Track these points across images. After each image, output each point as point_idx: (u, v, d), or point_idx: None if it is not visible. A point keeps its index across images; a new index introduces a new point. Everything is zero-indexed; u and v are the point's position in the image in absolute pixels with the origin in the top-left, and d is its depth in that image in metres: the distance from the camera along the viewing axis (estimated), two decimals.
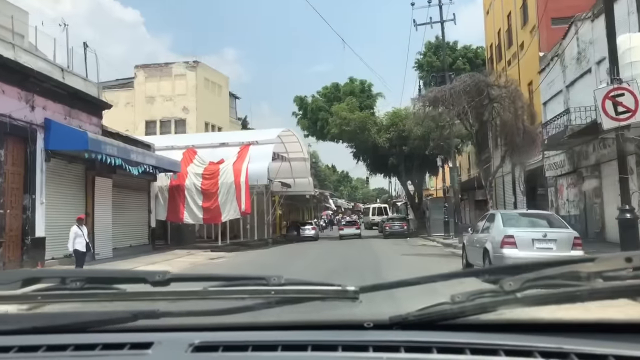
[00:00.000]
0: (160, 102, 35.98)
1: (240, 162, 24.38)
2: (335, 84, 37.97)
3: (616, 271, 1.09)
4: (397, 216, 40.06)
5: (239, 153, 24.88)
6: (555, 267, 1.14)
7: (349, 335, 1.16)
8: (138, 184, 23.03)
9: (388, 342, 1.09)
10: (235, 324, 1.25)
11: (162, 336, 1.16)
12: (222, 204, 24.01)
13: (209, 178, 24.29)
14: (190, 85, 35.91)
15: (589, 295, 1.07)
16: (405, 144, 33.68)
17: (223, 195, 24.05)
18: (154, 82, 36.28)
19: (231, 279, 1.25)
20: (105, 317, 1.24)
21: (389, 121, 34.40)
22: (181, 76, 36.00)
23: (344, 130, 33.82)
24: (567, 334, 1.10)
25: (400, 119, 33.95)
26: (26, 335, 1.20)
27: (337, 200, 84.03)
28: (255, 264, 18.13)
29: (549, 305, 1.09)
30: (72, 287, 1.24)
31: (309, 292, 1.22)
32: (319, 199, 63.43)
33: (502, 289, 1.09)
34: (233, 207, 23.94)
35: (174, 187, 24.46)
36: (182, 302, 1.22)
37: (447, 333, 1.11)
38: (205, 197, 24.19)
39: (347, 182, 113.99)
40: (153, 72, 36.48)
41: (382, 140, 34.16)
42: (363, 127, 33.90)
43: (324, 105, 36.88)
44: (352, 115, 33.56)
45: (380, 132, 34.53)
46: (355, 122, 33.43)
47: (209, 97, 37.23)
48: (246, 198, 23.85)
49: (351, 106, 34.21)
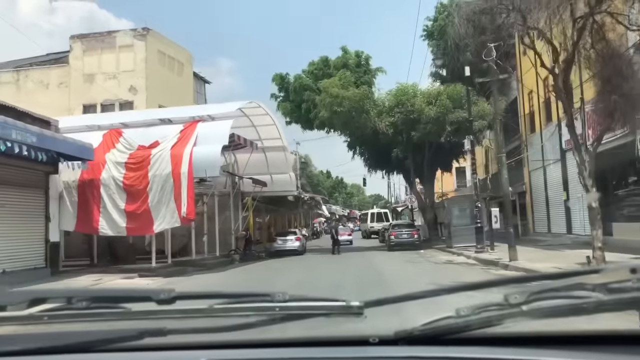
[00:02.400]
0: (102, 81, 28.24)
1: (182, 144, 16.64)
2: (325, 58, 30.34)
3: (621, 282, 1.08)
4: (404, 222, 32.37)
5: (182, 132, 17.14)
6: (561, 279, 1.15)
7: (354, 352, 1.19)
8: (25, 177, 15.30)
9: (393, 358, 1.13)
10: (240, 341, 1.26)
11: (168, 355, 1.23)
12: (154, 206, 16.24)
13: (135, 169, 16.53)
14: (139, 59, 28.18)
15: (594, 308, 1.07)
16: (414, 129, 26.08)
17: (155, 193, 16.30)
18: (94, 56, 28.57)
19: (236, 296, 1.27)
20: (112, 336, 1.26)
21: (393, 100, 26.78)
22: (127, 48, 28.28)
23: (335, 112, 26.18)
24: (574, 347, 1.12)
25: (407, 97, 26.37)
26: (33, 355, 1.23)
27: (331, 207, 76.70)
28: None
29: (554, 318, 1.10)
30: (78, 307, 1.25)
31: (314, 308, 1.23)
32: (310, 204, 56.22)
33: (507, 302, 1.10)
34: (170, 211, 16.18)
35: (86, 183, 16.68)
36: (188, 320, 1.22)
37: (453, 347, 1.13)
38: (130, 197, 16.42)
39: (342, 188, 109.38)
40: (93, 44, 28.75)
41: (384, 124, 26.53)
42: (360, 108, 26.27)
43: (311, 84, 29.24)
44: (345, 92, 25.93)
45: (382, 115, 26.93)
46: (349, 101, 25.81)
47: (165, 75, 29.48)
48: (189, 197, 16.12)
49: (344, 81, 26.58)
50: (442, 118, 25.58)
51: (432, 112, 25.54)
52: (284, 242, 26.54)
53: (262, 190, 24.69)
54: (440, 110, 25.53)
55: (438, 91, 26.60)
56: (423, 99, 26.53)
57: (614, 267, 1.15)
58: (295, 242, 26.61)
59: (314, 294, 1.29)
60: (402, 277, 13.49)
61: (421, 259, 20.02)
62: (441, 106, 25.61)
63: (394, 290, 10.94)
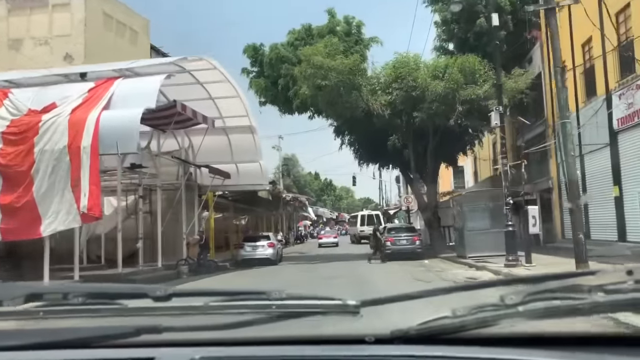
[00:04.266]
0: (31, 47, 22.81)
1: (88, 108, 11.35)
2: (307, 26, 25.10)
3: (617, 284, 1.09)
4: (402, 225, 27.07)
5: (91, 92, 11.82)
6: (557, 280, 1.17)
7: (350, 350, 1.18)
8: None
9: (389, 357, 1.12)
10: (236, 339, 1.26)
11: (163, 351, 1.19)
12: (42, 197, 10.92)
13: (15, 141, 11.22)
14: (76, 21, 22.77)
15: (590, 309, 1.07)
16: (416, 109, 20.98)
17: (44, 177, 10.99)
18: (22, 17, 23.15)
19: (232, 294, 1.27)
20: (108, 332, 1.25)
21: (390, 75, 21.64)
22: (63, 7, 22.86)
23: (319, 87, 20.99)
24: (569, 347, 1.12)
25: (408, 70, 21.24)
26: (28, 351, 1.22)
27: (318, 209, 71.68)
28: None
29: (550, 319, 1.10)
30: (74, 302, 1.25)
31: (310, 307, 1.23)
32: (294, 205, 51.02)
33: (503, 302, 1.10)
34: (65, 205, 10.86)
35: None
36: (184, 317, 1.22)
37: (448, 347, 1.13)
38: (6, 183, 11.05)
39: (330, 191, 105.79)
40: (20, 3, 23.30)
41: (379, 104, 21.38)
42: (350, 83, 21.10)
43: (290, 55, 23.98)
44: (332, 61, 20.73)
45: (377, 93, 21.79)
46: (337, 73, 20.60)
47: (112, 42, 24.02)
48: (92, 184, 10.79)
49: (331, 49, 21.37)
50: (452, 95, 20.49)
51: (439, 87, 20.43)
52: (253, 249, 21.23)
53: (223, 183, 19.36)
54: (449, 85, 20.43)
55: (446, 63, 21.50)
56: (428, 72, 21.43)
57: (610, 269, 1.19)
58: (267, 250, 21.30)
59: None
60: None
61: (430, 275, 14.83)
62: (451, 80, 20.50)
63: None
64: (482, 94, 20.63)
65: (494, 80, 20.76)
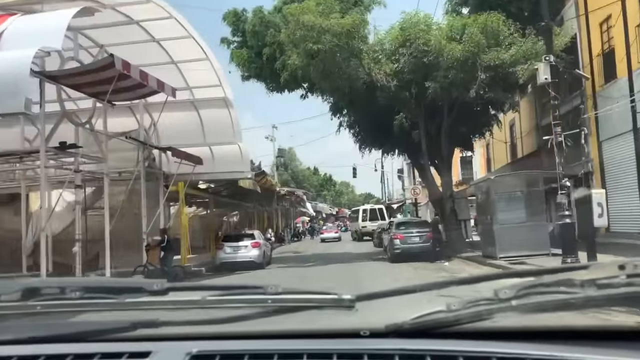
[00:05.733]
0: None
1: None
2: None
3: (610, 278, 1.09)
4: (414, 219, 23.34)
5: None
6: (550, 274, 1.16)
7: (345, 344, 1.18)
8: None
9: (383, 350, 1.12)
10: (232, 333, 1.26)
11: (160, 345, 1.19)
12: None
13: None
14: None
15: (583, 303, 1.08)
16: (428, 78, 17.32)
17: None
18: None
19: (229, 288, 1.27)
20: (104, 326, 1.26)
21: (397, 38, 17.92)
22: None
23: (311, 55, 17.31)
24: (562, 341, 1.12)
25: (419, 31, 17.52)
26: (25, 345, 1.22)
27: (317, 205, 68.10)
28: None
29: (543, 313, 1.11)
30: (71, 297, 1.25)
31: (306, 301, 1.23)
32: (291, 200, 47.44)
33: (497, 297, 1.10)
34: None
35: None
36: (181, 312, 1.23)
37: (442, 341, 1.13)
38: None
39: (330, 186, 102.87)
40: None
41: (384, 73, 17.69)
42: (348, 47, 17.42)
43: (277, 21, 20.25)
44: (326, 21, 17.02)
45: (380, 61, 18.11)
46: (333, 36, 16.91)
47: None
48: None
49: (325, 6, 17.63)
50: (472, 60, 16.81)
51: (456, 51, 16.73)
52: (235, 251, 17.58)
53: (194, 170, 15.66)
54: (469, 48, 16.73)
55: (464, 23, 17.79)
56: (442, 34, 17.73)
57: (602, 264, 1.18)
58: (252, 251, 17.64)
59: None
60: None
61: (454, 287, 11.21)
62: (471, 42, 16.79)
63: None
64: (508, 59, 16.97)
65: (521, 44, 17.22)
